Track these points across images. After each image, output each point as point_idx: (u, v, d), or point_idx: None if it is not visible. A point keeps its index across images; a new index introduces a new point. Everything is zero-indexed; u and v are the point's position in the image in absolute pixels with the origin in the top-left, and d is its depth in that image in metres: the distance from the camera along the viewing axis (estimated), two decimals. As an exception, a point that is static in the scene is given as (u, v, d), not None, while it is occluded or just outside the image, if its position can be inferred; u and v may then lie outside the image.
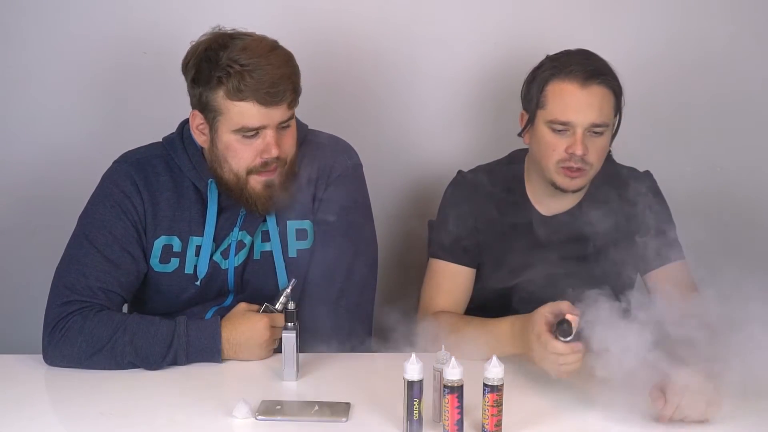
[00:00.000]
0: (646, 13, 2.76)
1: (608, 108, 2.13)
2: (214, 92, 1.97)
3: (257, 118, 1.97)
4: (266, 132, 1.99)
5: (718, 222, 2.89)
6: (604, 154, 2.17)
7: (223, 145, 2.02)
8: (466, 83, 2.77)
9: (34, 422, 1.80)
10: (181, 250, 2.11)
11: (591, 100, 2.10)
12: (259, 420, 1.79)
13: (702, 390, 1.75)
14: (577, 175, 2.15)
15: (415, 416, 1.71)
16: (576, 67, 2.11)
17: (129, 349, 1.97)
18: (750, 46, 2.79)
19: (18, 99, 2.72)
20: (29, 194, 2.77)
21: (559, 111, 2.12)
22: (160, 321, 2.01)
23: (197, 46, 2.01)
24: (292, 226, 2.13)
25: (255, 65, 1.94)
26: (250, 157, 2.01)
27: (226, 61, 1.94)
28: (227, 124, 1.99)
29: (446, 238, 2.27)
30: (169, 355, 1.98)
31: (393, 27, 2.73)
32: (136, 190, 2.09)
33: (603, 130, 2.13)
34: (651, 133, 2.81)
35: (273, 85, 1.95)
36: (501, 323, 2.02)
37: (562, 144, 2.13)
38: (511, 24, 2.73)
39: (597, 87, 2.11)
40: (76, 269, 2.05)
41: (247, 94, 1.94)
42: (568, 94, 2.11)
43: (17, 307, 2.82)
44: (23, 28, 2.67)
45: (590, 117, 2.10)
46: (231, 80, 1.94)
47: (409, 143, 2.81)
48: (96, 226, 2.08)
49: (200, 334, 2.00)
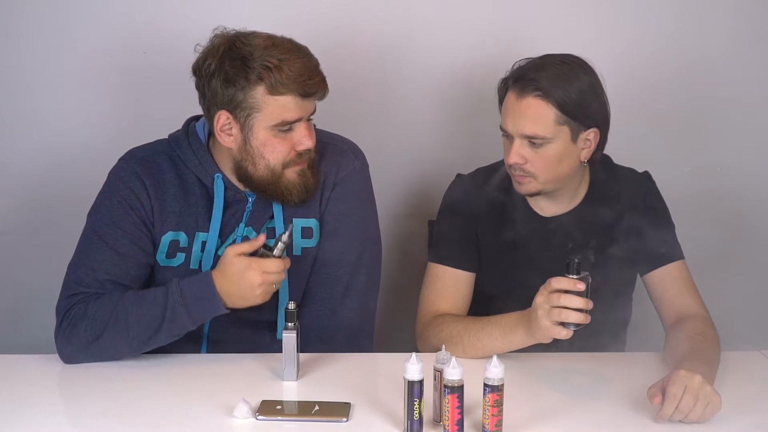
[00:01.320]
0: (645, 13, 2.76)
1: (545, 121, 2.09)
2: (252, 90, 1.98)
3: (296, 111, 2.01)
4: (301, 124, 2.03)
5: (717, 222, 2.90)
6: (553, 164, 2.13)
7: (259, 142, 2.03)
8: (466, 84, 2.78)
9: (36, 421, 1.79)
10: (187, 246, 2.12)
11: (525, 112, 2.10)
12: (259, 420, 1.79)
13: (700, 390, 1.75)
14: (522, 181, 2.15)
15: (415, 416, 1.71)
16: (519, 78, 2.12)
17: (131, 320, 1.97)
18: (750, 46, 2.80)
19: (18, 99, 2.72)
20: (30, 194, 2.77)
21: (502, 118, 2.16)
22: (154, 288, 2.02)
23: (216, 47, 2.01)
24: (298, 224, 2.13)
25: (290, 60, 1.97)
26: (285, 150, 2.04)
27: (262, 59, 1.96)
28: (265, 120, 2.01)
29: (445, 243, 2.27)
30: (167, 314, 1.96)
31: (393, 27, 2.73)
32: (142, 186, 2.10)
33: (540, 142, 2.11)
34: (651, 133, 2.82)
35: (310, 77, 1.99)
36: (509, 315, 2.03)
37: (508, 150, 2.15)
38: (512, 26, 2.73)
39: (532, 99, 2.09)
40: (85, 264, 2.06)
41: (288, 88, 1.98)
42: (508, 102, 2.14)
43: (18, 307, 2.82)
44: (23, 29, 2.67)
45: (521, 128, 2.10)
46: (272, 75, 1.96)
47: (409, 144, 2.81)
48: (105, 222, 2.09)
49: (193, 285, 1.98)
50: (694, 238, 2.38)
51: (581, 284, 1.84)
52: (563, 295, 1.84)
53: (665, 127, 2.83)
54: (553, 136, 2.10)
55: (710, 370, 1.88)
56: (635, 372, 2.04)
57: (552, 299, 1.85)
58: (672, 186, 2.36)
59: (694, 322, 2.10)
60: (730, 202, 2.88)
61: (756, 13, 2.78)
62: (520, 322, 1.97)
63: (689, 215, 2.48)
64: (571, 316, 1.84)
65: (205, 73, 2.01)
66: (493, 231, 2.27)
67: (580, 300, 1.83)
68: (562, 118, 2.09)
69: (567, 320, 1.85)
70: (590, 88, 2.12)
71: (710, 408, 1.76)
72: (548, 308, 1.86)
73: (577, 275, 1.84)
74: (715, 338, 2.05)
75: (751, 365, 2.07)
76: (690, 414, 1.75)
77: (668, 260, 2.21)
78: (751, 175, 2.87)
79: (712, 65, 2.80)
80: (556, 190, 2.20)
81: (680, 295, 2.18)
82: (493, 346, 2.00)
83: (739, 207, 2.89)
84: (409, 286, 2.76)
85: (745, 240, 2.92)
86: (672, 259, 2.22)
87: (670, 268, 2.21)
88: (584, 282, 1.84)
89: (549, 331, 1.87)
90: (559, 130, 2.10)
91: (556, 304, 1.85)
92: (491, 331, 2.04)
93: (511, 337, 2.00)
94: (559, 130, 2.10)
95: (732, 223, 2.90)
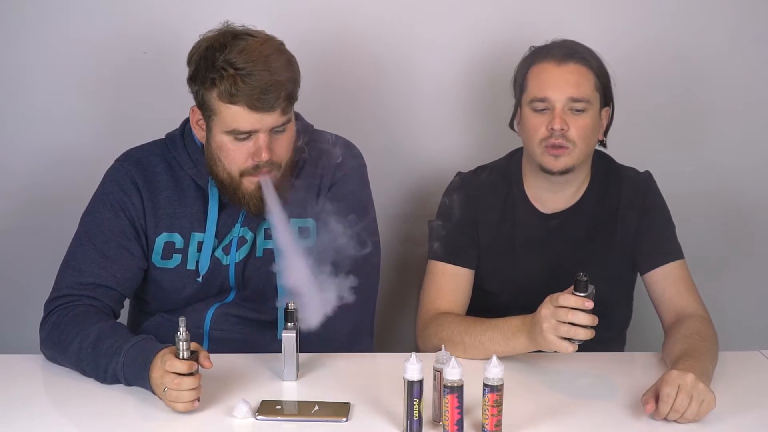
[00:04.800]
0: (645, 12, 2.75)
1: (587, 85, 2.15)
2: (209, 92, 1.98)
3: (248, 123, 1.97)
4: (258, 136, 1.99)
5: (717, 222, 2.89)
6: (588, 134, 2.16)
7: (216, 145, 2.02)
8: (466, 83, 2.77)
9: (34, 422, 1.79)
10: (182, 247, 2.12)
11: (567, 76, 2.14)
12: (259, 420, 1.79)
13: (693, 388, 1.75)
14: (560, 153, 2.15)
15: (415, 416, 1.71)
16: (553, 50, 2.18)
17: (83, 357, 1.93)
18: (750, 46, 2.79)
19: (18, 99, 2.72)
20: (29, 195, 2.77)
21: (538, 89, 2.16)
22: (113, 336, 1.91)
23: (201, 42, 2.01)
24: (295, 224, 2.13)
25: (249, 70, 1.93)
26: (241, 158, 2.01)
27: (222, 63, 1.94)
28: (220, 125, 2.00)
29: (445, 240, 2.27)
30: (108, 371, 1.89)
31: (393, 27, 2.73)
32: (135, 188, 2.10)
33: (583, 106, 2.14)
34: (651, 133, 2.81)
35: (264, 92, 1.94)
36: (511, 319, 2.02)
37: (543, 122, 2.15)
38: (511, 25, 2.72)
39: (573, 65, 2.15)
40: (72, 266, 2.07)
41: (238, 99, 1.94)
42: (545, 72, 2.16)
43: (17, 307, 2.82)
44: (23, 29, 2.67)
45: (567, 92, 2.13)
46: (224, 83, 1.94)
47: (408, 143, 2.81)
48: (95, 224, 2.09)
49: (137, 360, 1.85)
50: (694, 238, 2.38)
51: (589, 303, 1.81)
52: (571, 312, 1.82)
53: (666, 127, 2.83)
54: (592, 101, 2.16)
55: (706, 369, 1.88)
56: (635, 372, 2.04)
57: (560, 314, 1.83)
58: (672, 186, 2.36)
59: (692, 321, 2.10)
60: (730, 202, 2.88)
61: (757, 12, 2.78)
62: (522, 328, 1.96)
63: (689, 215, 2.48)
64: (579, 333, 1.82)
65: (188, 63, 2.03)
66: (494, 227, 2.27)
67: (588, 317, 1.82)
68: (598, 85, 2.17)
69: (575, 337, 1.83)
70: (604, 63, 2.21)
71: (705, 405, 1.76)
72: (555, 323, 1.84)
73: (585, 293, 1.82)
74: (713, 337, 2.05)
75: (750, 365, 2.07)
76: (686, 413, 1.75)
77: (668, 260, 2.21)
78: (751, 175, 2.87)
79: (713, 65, 2.79)
80: (569, 180, 2.22)
81: (679, 294, 2.18)
82: (495, 349, 1.99)
83: (739, 207, 2.88)
84: (408, 286, 2.76)
85: (745, 240, 2.91)
86: (672, 259, 2.22)
87: (670, 268, 2.21)
88: (591, 300, 1.82)
89: (554, 344, 1.86)
90: (596, 97, 2.17)
91: (564, 320, 1.83)
92: (493, 335, 2.03)
93: (513, 342, 1.99)
94: (595, 97, 2.17)
95: (732, 223, 2.90)
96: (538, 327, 1.87)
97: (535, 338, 1.91)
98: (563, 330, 1.83)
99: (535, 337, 1.91)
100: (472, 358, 2.02)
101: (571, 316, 1.82)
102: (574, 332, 1.82)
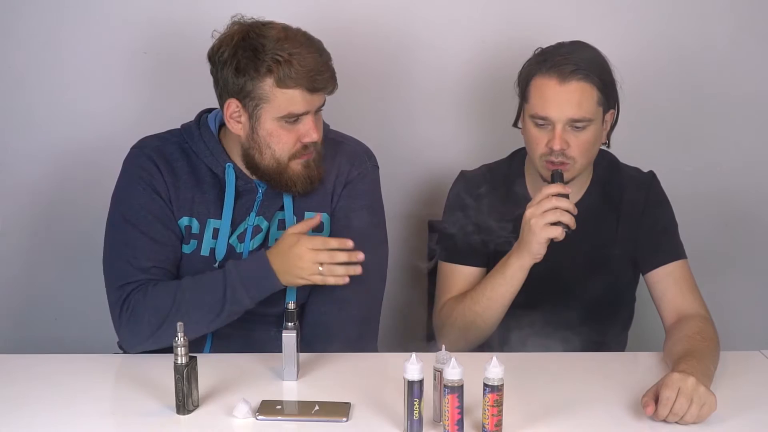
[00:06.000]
0: (645, 13, 2.76)
1: (589, 103, 2.12)
2: (261, 81, 2.00)
3: (303, 105, 2.02)
4: (307, 117, 2.05)
5: (717, 222, 2.89)
6: (589, 148, 2.16)
7: (266, 132, 2.05)
8: (469, 83, 2.77)
9: (34, 422, 1.80)
10: (198, 232, 2.14)
11: (569, 96, 2.10)
12: (259, 420, 1.79)
13: (694, 392, 1.75)
14: (560, 168, 2.15)
15: (415, 416, 1.71)
16: (557, 62, 2.11)
17: (193, 307, 2.01)
18: (750, 46, 2.79)
19: (18, 99, 2.72)
20: (31, 195, 2.77)
21: (539, 106, 2.13)
22: (209, 272, 2.06)
23: (230, 36, 2.02)
24: (308, 216, 2.14)
25: (303, 54, 1.99)
26: (291, 141, 2.06)
27: (273, 51, 1.98)
28: (272, 111, 2.03)
29: (453, 241, 2.26)
30: (227, 295, 2.01)
31: (396, 27, 2.73)
32: (158, 171, 2.12)
33: (584, 125, 2.12)
34: (651, 133, 2.81)
35: (319, 72, 2.01)
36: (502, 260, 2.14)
37: (544, 138, 2.14)
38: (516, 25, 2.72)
39: (576, 83, 2.10)
40: (125, 253, 2.08)
41: (296, 82, 1.99)
42: (547, 89, 2.12)
43: (17, 307, 2.82)
44: (23, 29, 2.67)
45: (568, 113, 2.10)
46: (282, 69, 1.98)
47: (412, 144, 2.81)
48: (134, 209, 2.10)
49: (248, 264, 2.03)
50: (694, 238, 2.38)
51: (568, 188, 2.04)
52: (554, 197, 2.00)
53: (666, 127, 2.83)
54: (595, 117, 2.14)
55: (707, 370, 1.88)
56: (635, 372, 2.04)
57: (544, 204, 1.99)
58: (672, 186, 2.36)
59: (693, 321, 2.10)
60: (730, 202, 2.88)
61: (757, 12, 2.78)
62: (512, 254, 2.09)
63: (690, 215, 2.47)
64: (564, 217, 2.00)
65: (219, 60, 2.03)
66: (498, 226, 2.26)
67: (569, 203, 2.01)
68: (602, 99, 2.15)
69: (561, 219, 2.00)
70: (609, 67, 2.18)
71: (706, 408, 1.76)
72: (540, 213, 2.00)
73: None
74: (715, 337, 2.05)
75: (751, 365, 2.07)
76: (686, 416, 1.75)
77: (670, 259, 2.21)
78: (752, 175, 2.87)
79: (713, 65, 2.79)
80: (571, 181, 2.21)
81: (681, 294, 2.18)
82: (500, 292, 2.10)
83: (739, 207, 2.88)
84: (409, 286, 2.76)
85: (746, 240, 2.91)
86: (674, 258, 2.21)
87: (672, 267, 2.21)
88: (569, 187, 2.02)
89: (546, 233, 2.00)
90: (598, 111, 2.15)
91: (549, 206, 2.00)
92: (490, 282, 2.12)
93: (507, 270, 2.09)
94: (598, 111, 2.15)
95: (732, 223, 2.90)
96: (526, 232, 2.02)
97: (527, 246, 2.04)
98: (550, 216, 2.00)
99: (527, 245, 2.04)
100: (491, 320, 2.10)
101: (555, 201, 2.01)
102: (560, 215, 2.00)
